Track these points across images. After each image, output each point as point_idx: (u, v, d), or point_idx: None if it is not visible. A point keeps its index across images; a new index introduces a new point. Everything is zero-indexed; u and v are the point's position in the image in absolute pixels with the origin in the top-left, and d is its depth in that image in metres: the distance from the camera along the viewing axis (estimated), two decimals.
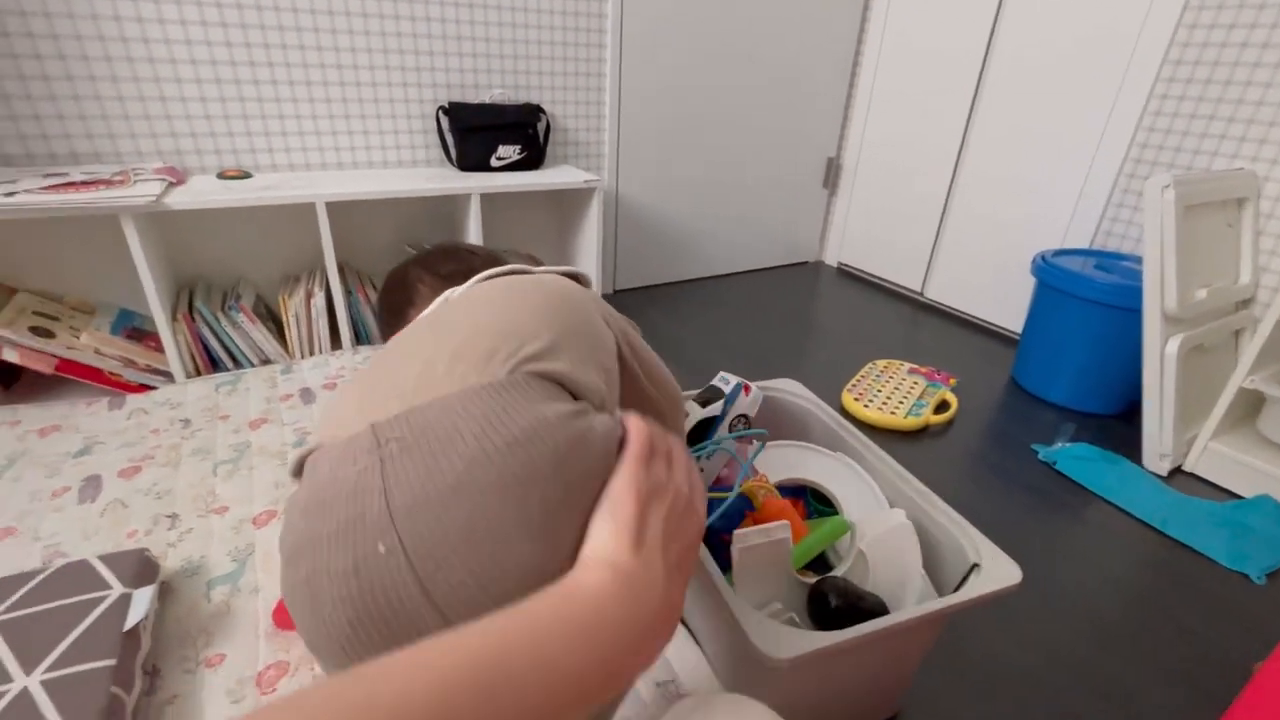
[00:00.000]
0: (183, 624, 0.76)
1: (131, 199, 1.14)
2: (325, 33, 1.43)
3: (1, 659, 0.65)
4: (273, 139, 1.46)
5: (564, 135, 1.80)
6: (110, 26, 1.24)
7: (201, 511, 0.93)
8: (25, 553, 0.85)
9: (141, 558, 0.79)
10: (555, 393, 0.40)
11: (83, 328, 1.26)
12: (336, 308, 1.43)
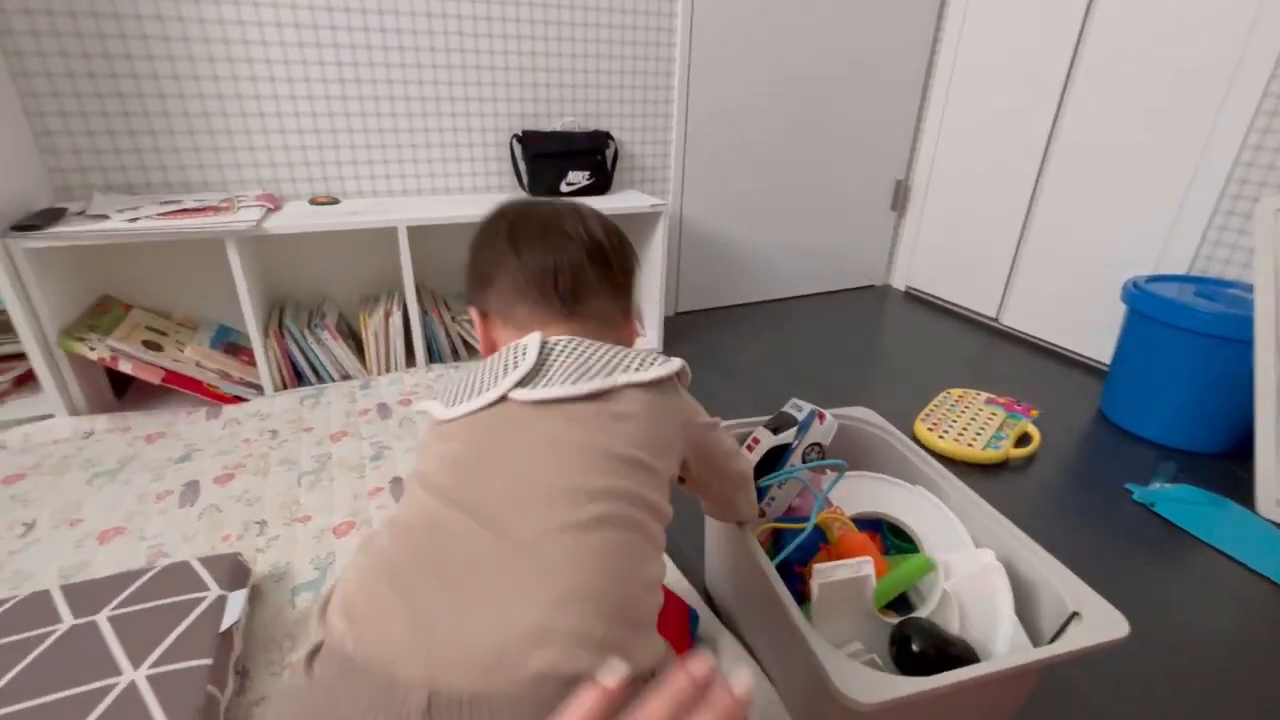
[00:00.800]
0: (269, 628, 0.79)
1: (235, 224, 1.23)
2: (411, 67, 1.51)
3: (112, 652, 0.70)
4: (359, 167, 1.56)
5: (630, 160, 1.84)
6: (223, 68, 1.36)
7: (287, 520, 0.98)
8: (132, 551, 0.91)
9: (235, 562, 0.84)
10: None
11: (187, 342, 1.36)
12: (412, 327, 1.49)
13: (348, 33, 1.43)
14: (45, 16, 1.21)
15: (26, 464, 1.09)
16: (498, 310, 0.60)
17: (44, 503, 1.00)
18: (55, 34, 1.23)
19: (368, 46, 1.46)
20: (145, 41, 1.29)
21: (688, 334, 1.90)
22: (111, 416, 1.24)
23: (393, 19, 1.46)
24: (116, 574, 0.82)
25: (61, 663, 0.69)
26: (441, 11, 1.49)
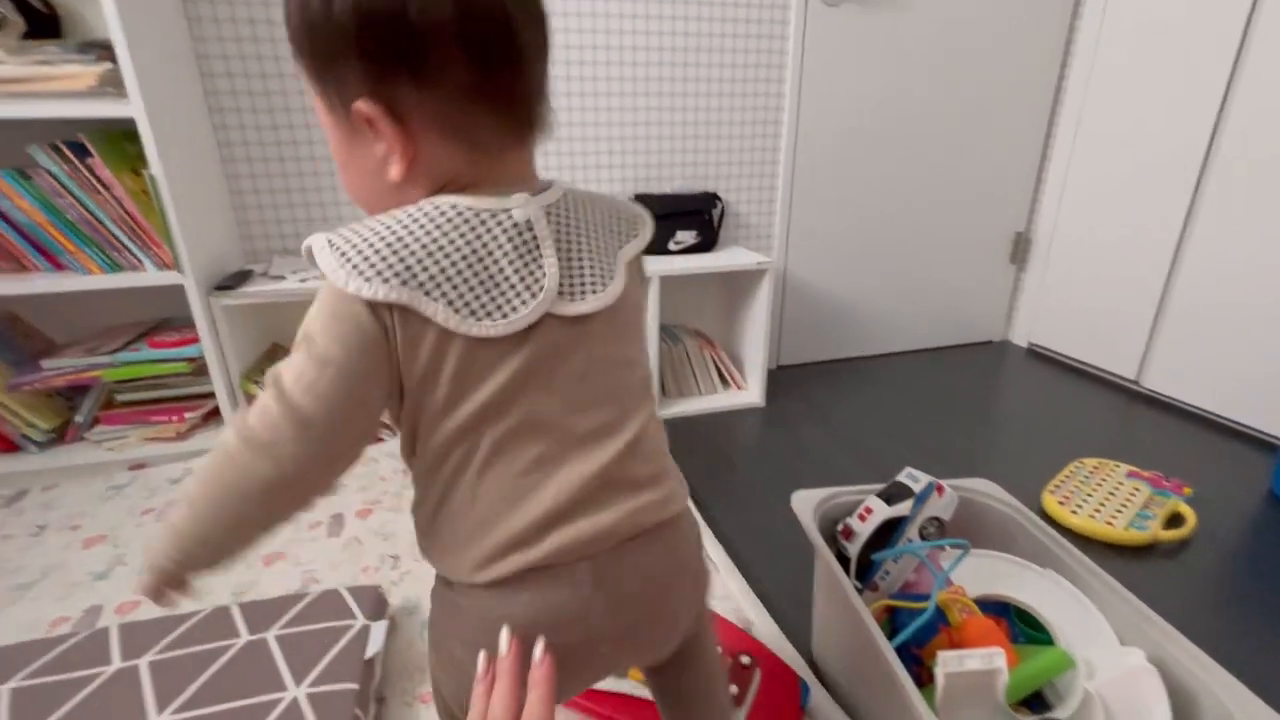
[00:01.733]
0: (402, 658, 0.86)
1: None
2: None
3: (279, 668, 0.79)
4: None
5: (736, 219, 1.89)
6: None
7: (417, 557, 1.07)
8: (290, 575, 1.03)
9: (377, 594, 0.93)
10: None
11: None
12: None
13: None
14: (251, 114, 1.46)
15: None
16: (439, 116, 0.43)
17: None
18: (257, 127, 1.47)
19: None
20: (310, 130, 1.51)
21: (790, 388, 1.89)
22: None
23: None
24: (281, 596, 0.93)
25: (239, 674, 0.79)
26: (566, 91, 1.64)
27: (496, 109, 0.44)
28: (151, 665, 0.81)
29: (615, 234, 0.51)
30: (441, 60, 0.41)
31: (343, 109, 0.44)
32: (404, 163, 0.44)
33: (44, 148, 1.15)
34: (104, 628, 0.87)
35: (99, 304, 1.47)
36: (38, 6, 1.23)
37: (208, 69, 1.41)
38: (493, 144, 0.45)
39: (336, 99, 0.44)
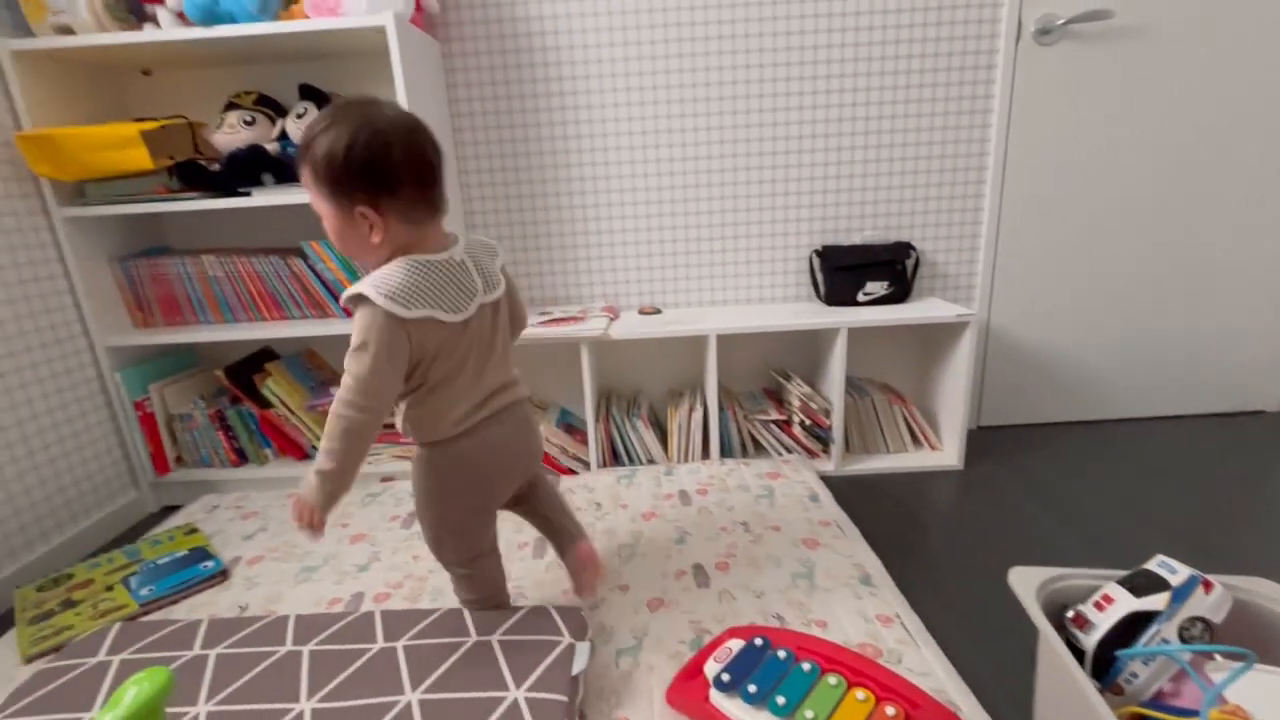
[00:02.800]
0: (599, 680, 0.93)
1: (589, 332, 1.54)
2: (724, 197, 1.75)
3: (503, 671, 0.90)
4: (678, 281, 1.82)
5: (932, 269, 1.80)
6: (580, 213, 1.76)
7: (610, 586, 1.15)
8: None
9: (580, 616, 1.01)
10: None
11: (542, 420, 1.72)
12: (710, 422, 1.65)
13: (669, 163, 1.74)
14: (484, 186, 1.74)
15: None
16: (399, 212, 0.83)
17: None
18: (494, 197, 1.75)
19: (695, 172, 1.75)
20: (536, 187, 1.75)
21: (993, 451, 1.72)
22: None
23: (716, 148, 1.72)
24: (500, 608, 1.05)
25: (469, 668, 0.90)
26: (745, 137, 1.72)
27: (426, 204, 0.86)
28: (405, 649, 0.96)
29: (492, 257, 0.95)
30: (401, 184, 0.82)
31: (347, 210, 0.82)
32: (380, 236, 0.83)
33: None
34: (370, 611, 1.05)
35: None
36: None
37: (462, 165, 1.72)
38: (425, 222, 0.87)
39: (345, 204, 0.82)
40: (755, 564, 1.19)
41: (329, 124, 0.80)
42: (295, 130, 1.51)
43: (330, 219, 0.84)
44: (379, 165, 0.80)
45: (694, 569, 1.18)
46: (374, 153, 0.80)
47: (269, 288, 1.60)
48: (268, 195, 1.45)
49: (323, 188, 0.82)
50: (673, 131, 1.71)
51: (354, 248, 0.87)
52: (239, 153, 1.46)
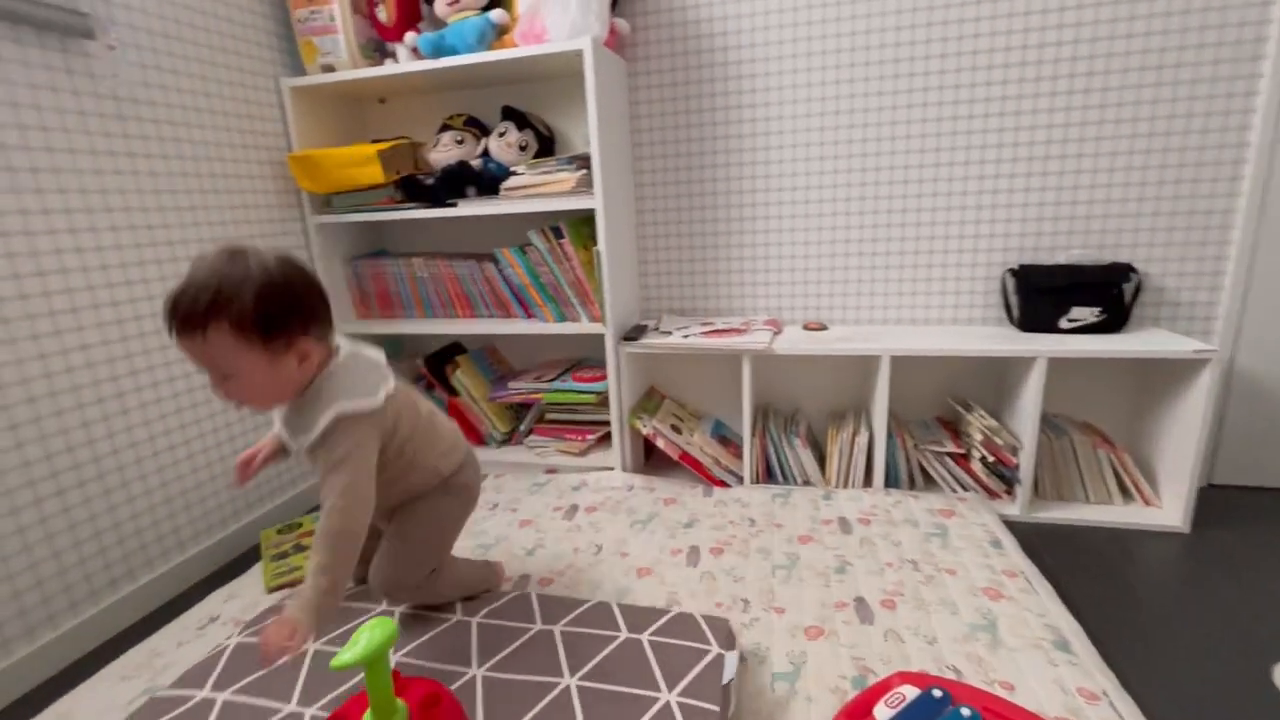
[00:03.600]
0: (755, 701, 0.91)
1: (752, 345, 1.53)
2: (900, 210, 1.65)
3: (654, 671, 0.92)
4: (847, 298, 1.75)
5: (1157, 295, 1.55)
6: (742, 223, 1.75)
7: (765, 606, 1.12)
8: (656, 591, 1.18)
9: (727, 627, 1.00)
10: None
11: (695, 430, 1.73)
12: (875, 448, 1.55)
13: (847, 174, 1.66)
14: (657, 212, 1.80)
15: (597, 500, 1.55)
16: (322, 334, 0.88)
17: (606, 533, 1.40)
18: (660, 222, 1.81)
19: (875, 183, 1.66)
20: (692, 225, 1.77)
21: (1229, 515, 1.44)
22: (644, 478, 1.66)
23: (900, 157, 1.63)
24: (649, 607, 1.07)
25: (621, 662, 0.93)
26: (934, 146, 1.59)
27: (330, 319, 0.90)
28: (562, 634, 1.01)
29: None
30: (322, 306, 0.88)
31: (282, 351, 0.82)
32: (308, 363, 0.86)
33: (537, 232, 1.61)
34: (528, 594, 1.12)
35: (542, 344, 1.96)
36: (543, 132, 1.74)
37: (639, 178, 1.80)
38: (330, 334, 0.90)
39: (281, 346, 0.82)
40: (925, 607, 1.10)
41: (239, 277, 0.78)
42: (497, 147, 1.68)
43: (256, 369, 0.80)
44: (308, 294, 0.84)
45: (856, 602, 1.12)
46: (298, 284, 0.83)
47: (464, 288, 1.78)
48: (470, 206, 1.63)
49: (254, 337, 0.78)
50: (852, 142, 1.64)
51: (276, 391, 0.85)
52: (450, 168, 1.65)
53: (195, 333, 0.77)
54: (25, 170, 1.14)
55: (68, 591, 1.20)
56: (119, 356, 1.30)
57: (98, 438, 1.25)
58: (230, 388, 0.82)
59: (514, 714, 0.85)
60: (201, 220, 1.47)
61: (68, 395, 1.20)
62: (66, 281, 1.21)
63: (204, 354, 0.79)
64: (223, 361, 0.79)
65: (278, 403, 0.89)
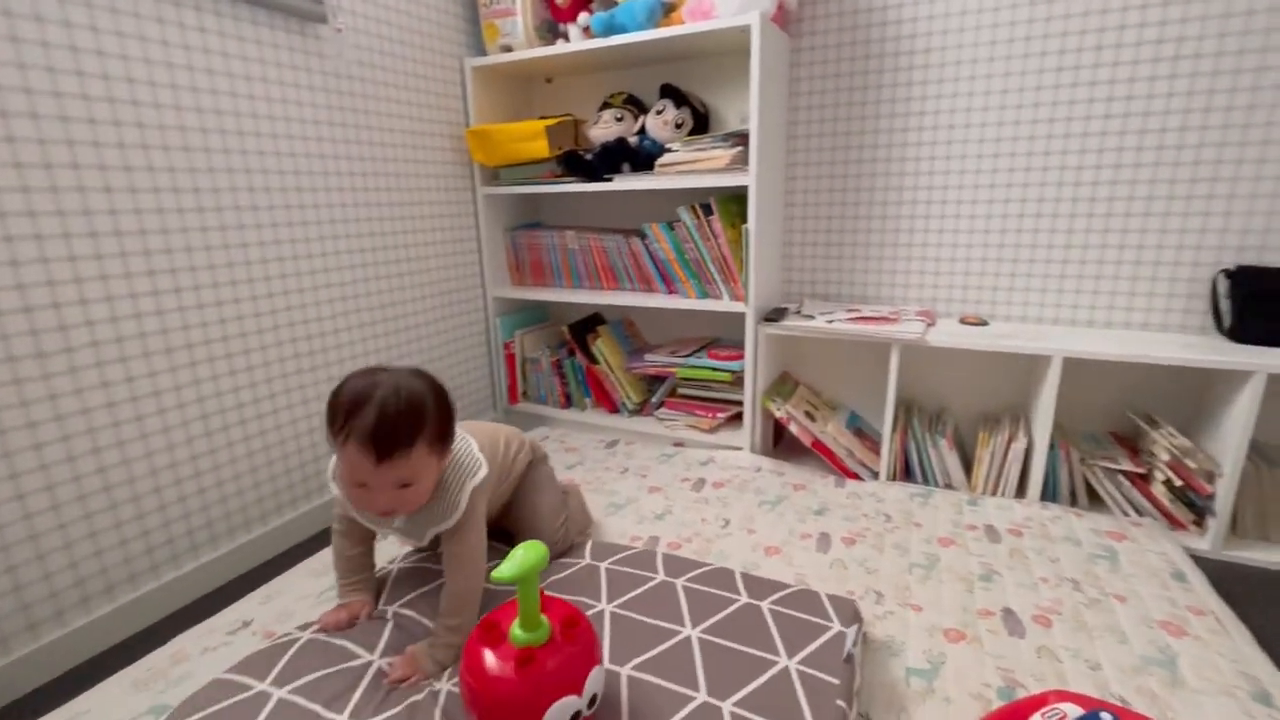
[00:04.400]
0: (887, 692, 0.88)
1: (904, 334, 1.46)
2: (1084, 189, 1.48)
3: (774, 637, 0.91)
4: (1012, 292, 1.61)
5: None
6: (895, 209, 1.65)
7: (900, 601, 1.08)
8: (783, 571, 1.18)
9: (853, 606, 0.97)
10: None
11: (829, 419, 1.68)
12: (1033, 458, 1.42)
13: (1026, 157, 1.52)
14: (808, 193, 1.75)
15: (725, 477, 1.56)
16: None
17: (734, 509, 1.41)
18: (810, 203, 1.76)
19: (1055, 168, 1.51)
20: (843, 206, 1.69)
21: None
22: (773, 461, 1.65)
23: (1083, 140, 1.46)
24: (769, 579, 1.06)
25: (740, 624, 0.93)
26: (1125, 128, 1.40)
27: None
28: (684, 588, 1.03)
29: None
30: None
31: (446, 453, 0.91)
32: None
33: (687, 208, 1.64)
34: (653, 550, 1.16)
35: (679, 320, 1.99)
36: (699, 110, 1.75)
37: (792, 157, 1.76)
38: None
39: (442, 447, 0.89)
40: (1088, 630, 1.00)
41: (420, 393, 0.85)
42: (653, 124, 1.72)
43: (431, 475, 0.87)
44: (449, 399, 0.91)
45: (1004, 613, 1.04)
46: (445, 391, 0.90)
47: (610, 261, 1.85)
48: (625, 181, 1.68)
49: (438, 447, 0.87)
50: (1033, 122, 1.50)
51: (431, 490, 0.90)
52: (608, 144, 1.71)
53: (401, 454, 0.81)
54: (267, 135, 1.35)
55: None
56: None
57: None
58: (405, 496, 0.85)
59: (637, 649, 0.89)
60: (387, 186, 1.65)
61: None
62: (279, 235, 1.41)
63: (400, 471, 0.82)
64: (410, 474, 0.83)
65: (413, 509, 0.90)
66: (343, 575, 1.01)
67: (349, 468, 0.83)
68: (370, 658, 0.90)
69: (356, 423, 0.80)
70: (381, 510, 0.85)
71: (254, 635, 1.04)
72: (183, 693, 0.90)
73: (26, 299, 1.02)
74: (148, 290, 1.18)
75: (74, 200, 1.07)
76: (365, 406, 0.80)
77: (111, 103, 1.10)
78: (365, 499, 0.85)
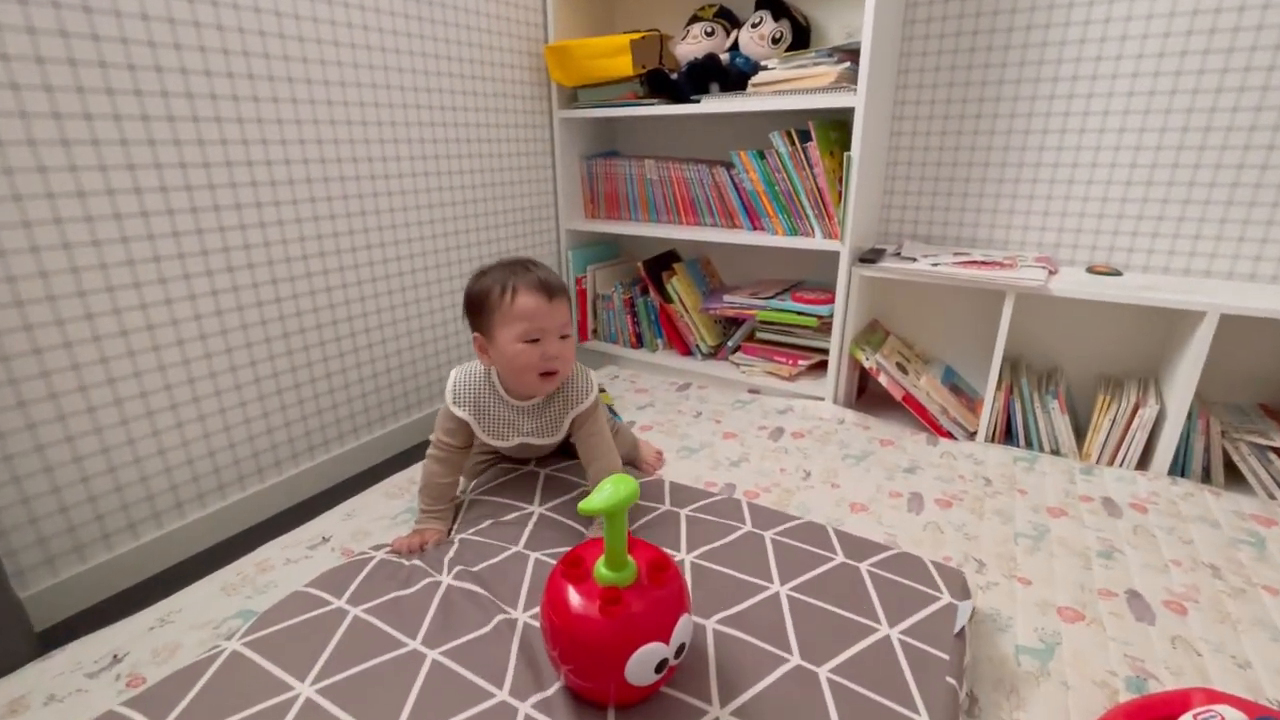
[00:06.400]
0: (997, 670, 0.80)
1: (1023, 281, 1.30)
2: (1244, 117, 1.24)
3: (873, 601, 0.84)
4: (1155, 239, 1.40)
5: None
6: (1017, 139, 1.44)
7: (1006, 573, 0.98)
8: (872, 528, 1.09)
9: (963, 580, 0.88)
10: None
11: (922, 373, 1.55)
12: (1163, 427, 1.26)
13: (1168, 85, 1.28)
14: (918, 120, 1.56)
15: (805, 428, 1.47)
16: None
17: (815, 461, 1.32)
18: (919, 132, 1.56)
19: (1208, 90, 1.27)
20: (959, 136, 1.49)
21: None
22: (857, 414, 1.54)
23: (1247, 55, 1.22)
24: (867, 539, 0.98)
25: (835, 584, 0.86)
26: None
27: None
28: (773, 542, 0.97)
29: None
30: None
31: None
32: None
33: (781, 134, 1.49)
34: (738, 499, 1.10)
35: (762, 259, 1.87)
36: (801, 22, 1.57)
37: (902, 80, 1.57)
38: None
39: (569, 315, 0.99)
40: (1230, 622, 0.88)
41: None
42: (748, 40, 1.56)
43: (574, 335, 1.10)
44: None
45: (1128, 595, 0.93)
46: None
47: (690, 193, 1.73)
48: (714, 103, 1.54)
49: (569, 314, 0.99)
50: (1187, 34, 1.25)
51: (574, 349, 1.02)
52: (695, 62, 1.57)
53: (562, 295, 0.95)
54: (331, 57, 1.29)
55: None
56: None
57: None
58: (567, 347, 0.96)
59: (723, 603, 0.83)
60: (462, 106, 1.58)
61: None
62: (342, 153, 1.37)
63: (565, 313, 0.96)
64: (568, 319, 0.96)
65: (568, 372, 1.01)
66: (428, 501, 1.02)
67: (523, 319, 0.92)
68: (439, 577, 0.88)
69: (523, 278, 0.93)
70: (553, 360, 0.94)
71: (333, 551, 1.06)
72: (268, 600, 0.92)
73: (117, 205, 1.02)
74: (229, 203, 1.16)
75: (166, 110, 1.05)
76: (520, 270, 0.94)
77: (172, 23, 1.06)
78: (534, 355, 0.93)
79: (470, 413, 1.00)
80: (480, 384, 1.01)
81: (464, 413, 1.00)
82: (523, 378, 0.96)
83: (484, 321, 0.95)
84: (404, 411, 1.59)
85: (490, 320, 0.94)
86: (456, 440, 1.02)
